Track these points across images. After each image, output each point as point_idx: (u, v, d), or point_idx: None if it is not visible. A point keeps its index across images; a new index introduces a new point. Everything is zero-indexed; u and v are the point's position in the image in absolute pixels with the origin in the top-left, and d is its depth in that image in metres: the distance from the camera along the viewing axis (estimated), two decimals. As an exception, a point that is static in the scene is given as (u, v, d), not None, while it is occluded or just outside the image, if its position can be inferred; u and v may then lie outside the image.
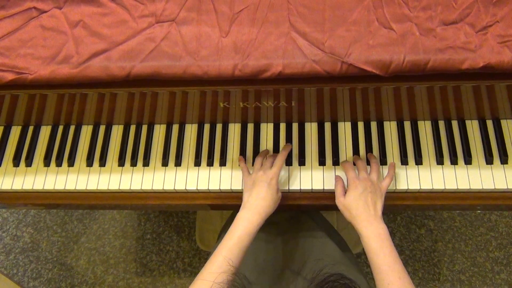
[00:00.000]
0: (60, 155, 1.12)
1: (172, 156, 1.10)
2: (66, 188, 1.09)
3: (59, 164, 1.12)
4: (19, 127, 1.16)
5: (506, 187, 1.01)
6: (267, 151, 1.07)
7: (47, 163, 1.12)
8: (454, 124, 1.08)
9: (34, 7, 0.97)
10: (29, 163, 1.12)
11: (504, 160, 1.03)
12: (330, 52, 0.87)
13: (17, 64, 0.92)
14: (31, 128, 1.16)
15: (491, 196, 1.03)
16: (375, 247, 0.85)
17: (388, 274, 0.82)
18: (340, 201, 0.95)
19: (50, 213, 1.97)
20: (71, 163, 1.12)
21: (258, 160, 1.03)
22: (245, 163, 1.06)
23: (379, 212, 0.91)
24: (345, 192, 0.96)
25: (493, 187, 1.01)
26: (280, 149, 1.08)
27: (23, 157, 1.13)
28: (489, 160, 1.03)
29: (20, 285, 1.79)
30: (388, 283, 0.81)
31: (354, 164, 1.03)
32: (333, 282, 0.69)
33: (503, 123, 1.07)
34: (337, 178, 1.02)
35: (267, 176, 0.96)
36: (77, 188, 1.09)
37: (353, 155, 1.07)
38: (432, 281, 1.74)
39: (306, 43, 0.89)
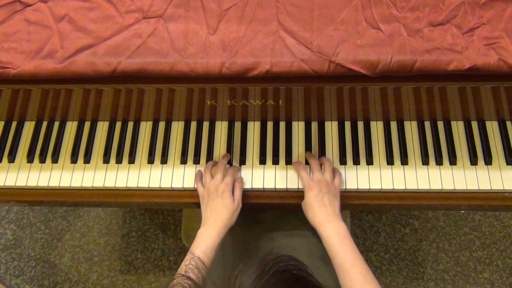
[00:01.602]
0: (44, 151, 1.10)
1: (158, 154, 1.09)
2: (50, 185, 1.08)
3: (42, 160, 1.10)
4: (2, 123, 1.14)
5: (490, 188, 1.02)
6: (215, 162, 1.06)
7: (30, 159, 1.10)
8: (440, 124, 1.09)
9: (19, 0, 0.95)
10: (12, 159, 1.10)
11: (488, 161, 1.04)
12: (318, 51, 0.87)
13: (0, 59, 0.90)
14: (14, 124, 1.14)
15: (475, 196, 1.04)
16: (335, 245, 0.86)
17: (350, 271, 0.82)
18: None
19: (34, 210, 1.94)
20: (55, 160, 1.10)
21: (207, 171, 1.02)
22: (201, 177, 1.05)
23: (337, 210, 0.92)
24: None
25: (477, 188, 1.02)
26: (267, 148, 1.08)
27: (6, 153, 1.11)
28: (473, 161, 1.04)
29: (2, 282, 1.77)
30: (350, 279, 0.81)
31: (307, 163, 1.04)
32: (280, 263, 0.68)
33: (488, 124, 1.08)
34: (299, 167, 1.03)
35: (218, 190, 0.97)
36: (61, 185, 1.08)
37: (308, 153, 1.07)
38: (416, 280, 1.75)
39: (294, 42, 0.89)
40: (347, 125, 1.10)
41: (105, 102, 1.06)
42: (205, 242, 0.90)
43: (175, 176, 1.07)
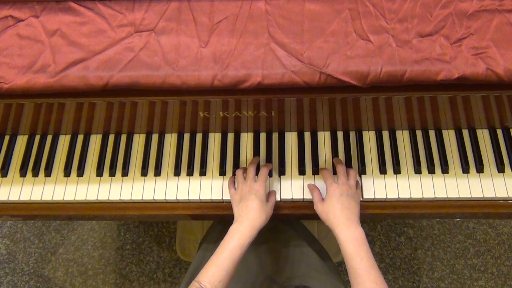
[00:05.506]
0: (36, 165, 1.10)
1: (152, 166, 1.09)
2: (43, 199, 1.08)
3: (35, 174, 1.10)
4: (-5, 137, 1.14)
5: (482, 196, 1.03)
6: (244, 168, 1.07)
7: (23, 173, 1.10)
8: (431, 133, 1.10)
9: (11, 16, 0.95)
10: (4, 174, 1.10)
11: (479, 169, 1.05)
12: (309, 62, 0.88)
13: (-8, 73, 0.90)
14: (7, 138, 1.14)
15: (468, 204, 1.04)
16: (352, 251, 0.86)
17: (364, 279, 0.82)
18: (318, 206, 0.96)
19: (27, 223, 1.93)
20: (48, 173, 1.10)
21: (239, 173, 1.02)
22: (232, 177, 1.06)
23: (357, 216, 0.92)
24: (323, 198, 0.97)
25: (470, 196, 1.03)
26: (260, 159, 1.08)
27: (-1, 167, 1.11)
28: (465, 169, 1.05)
29: (-5, 298, 1.75)
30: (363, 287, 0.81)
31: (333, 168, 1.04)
32: None
33: (479, 132, 1.09)
34: (311, 186, 1.03)
35: (253, 188, 0.96)
36: (54, 199, 1.07)
37: (333, 157, 1.08)
38: (412, 288, 1.75)
39: (285, 54, 0.89)
40: (340, 135, 1.11)
41: (97, 115, 1.06)
42: (236, 239, 0.89)
43: (169, 188, 1.07)
